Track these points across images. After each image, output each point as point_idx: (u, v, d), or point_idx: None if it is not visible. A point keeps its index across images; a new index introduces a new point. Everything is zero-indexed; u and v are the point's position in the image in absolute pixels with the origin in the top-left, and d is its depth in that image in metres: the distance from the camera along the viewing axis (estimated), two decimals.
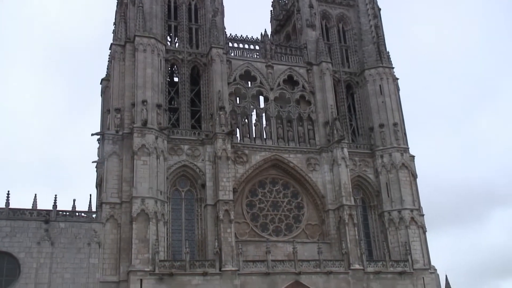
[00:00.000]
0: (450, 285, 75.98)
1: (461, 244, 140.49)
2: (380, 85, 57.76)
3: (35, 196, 45.11)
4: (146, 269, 42.76)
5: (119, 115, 48.75)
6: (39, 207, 44.38)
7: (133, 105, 48.44)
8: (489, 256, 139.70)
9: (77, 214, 44.78)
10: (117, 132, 48.13)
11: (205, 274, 44.11)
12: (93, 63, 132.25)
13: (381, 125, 55.96)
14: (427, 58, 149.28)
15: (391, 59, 59.56)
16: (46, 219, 43.15)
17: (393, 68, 59.15)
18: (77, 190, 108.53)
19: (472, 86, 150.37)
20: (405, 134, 56.97)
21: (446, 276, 77.35)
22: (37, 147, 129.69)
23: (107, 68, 58.14)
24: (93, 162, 52.21)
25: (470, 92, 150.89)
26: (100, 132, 50.67)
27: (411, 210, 52.70)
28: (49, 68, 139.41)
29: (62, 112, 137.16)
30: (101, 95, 57.47)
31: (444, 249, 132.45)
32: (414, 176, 55.18)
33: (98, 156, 51.58)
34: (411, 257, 50.67)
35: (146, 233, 43.82)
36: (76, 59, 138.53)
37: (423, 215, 54.79)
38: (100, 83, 58.64)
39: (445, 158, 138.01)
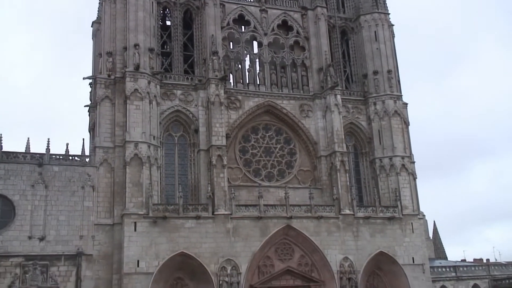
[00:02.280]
0: (437, 230, 77.91)
1: (448, 192, 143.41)
2: (375, 31, 57.09)
3: (28, 140, 45.26)
4: (140, 213, 43.39)
5: (111, 59, 48.19)
6: (32, 150, 44.50)
7: (125, 48, 47.85)
8: (472, 204, 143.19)
9: (70, 158, 44.91)
10: (109, 76, 47.72)
11: (198, 217, 44.84)
12: (84, 4, 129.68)
13: (375, 72, 55.70)
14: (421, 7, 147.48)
15: (387, 5, 58.64)
16: (40, 162, 43.33)
17: (389, 14, 58.32)
18: (69, 134, 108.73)
19: (454, 45, 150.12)
20: (398, 81, 56.81)
21: (434, 222, 79.49)
22: (28, 91, 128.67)
23: (98, 11, 56.93)
24: (85, 106, 51.92)
25: (452, 49, 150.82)
26: (92, 76, 50.14)
27: (402, 157, 53.25)
28: (39, 9, 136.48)
29: (54, 56, 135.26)
30: (93, 38, 56.49)
31: (433, 196, 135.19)
32: (406, 123, 55.42)
33: (91, 100, 51.24)
34: (400, 203, 51.59)
35: (139, 177, 44.19)
36: (66, 0, 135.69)
37: (413, 162, 55.43)
38: (91, 26, 57.48)
39: (431, 109, 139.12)
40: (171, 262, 43.44)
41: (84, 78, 49.74)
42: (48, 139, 44.29)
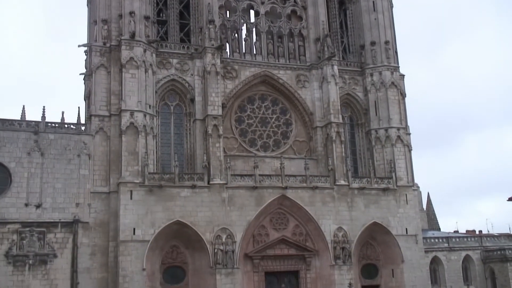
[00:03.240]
0: (431, 202, 78.60)
1: (441, 164, 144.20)
2: (373, 1, 56.49)
3: (23, 108, 45.09)
4: (136, 181, 43.58)
5: (106, 27, 47.73)
6: (27, 118, 44.39)
7: (120, 16, 47.34)
8: (465, 177, 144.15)
9: (66, 126, 44.87)
10: (105, 44, 47.35)
11: (193, 186, 45.08)
12: None
13: (373, 43, 55.36)
14: None
15: None
16: (35, 130, 43.28)
17: None
18: (65, 103, 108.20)
19: (447, 16, 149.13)
20: (396, 52, 56.48)
21: (428, 193, 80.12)
22: (23, 59, 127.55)
23: None
24: (80, 74, 51.60)
25: (445, 21, 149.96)
26: (87, 43, 49.65)
27: (398, 129, 53.37)
28: None
29: (48, 22, 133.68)
30: (88, 5, 55.66)
31: (427, 168, 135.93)
32: (402, 95, 55.37)
33: (86, 68, 50.87)
34: (395, 174, 51.93)
35: (135, 146, 44.25)
36: None
37: (409, 134, 55.60)
38: None
39: (422, 81, 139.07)
40: (167, 230, 43.85)
41: (79, 46, 49.30)
42: (44, 107, 44.27)
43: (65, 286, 41.62)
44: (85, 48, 50.10)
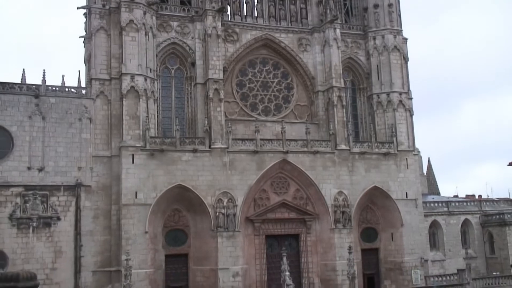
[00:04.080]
0: (432, 167, 78.90)
1: (441, 129, 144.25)
2: None
3: (23, 71, 44.73)
4: (137, 145, 43.67)
5: None
6: (28, 82, 44.17)
7: None
8: (465, 142, 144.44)
9: (66, 89, 44.74)
10: (104, 6, 46.80)
11: (195, 151, 45.20)
12: None
13: (376, 5, 54.54)
14: None
15: None
16: (36, 93, 43.14)
17: None
18: (65, 66, 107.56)
19: None
20: (399, 15, 55.70)
21: (428, 158, 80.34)
22: (21, 21, 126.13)
23: None
24: (80, 37, 50.99)
25: None
26: (87, 5, 48.91)
27: (400, 93, 53.11)
28: None
29: None
30: None
31: (428, 132, 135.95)
32: (405, 59, 54.87)
33: (86, 31, 50.28)
34: (396, 139, 51.93)
35: (136, 110, 44.17)
36: None
37: (411, 98, 55.37)
38: None
39: (422, 46, 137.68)
40: (168, 194, 44.19)
41: (78, 8, 48.65)
42: (44, 70, 44.06)
43: (69, 248, 42.25)
44: (85, 11, 49.43)
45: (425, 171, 75.67)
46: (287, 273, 36.40)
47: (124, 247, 41.59)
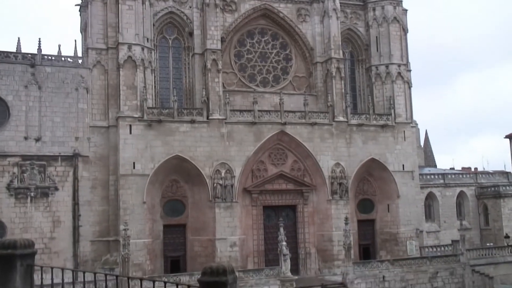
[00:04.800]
0: (429, 139, 79.12)
1: (438, 102, 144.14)
2: None
3: (19, 40, 44.25)
4: (134, 115, 43.47)
5: None
6: (23, 51, 43.66)
7: None
8: (463, 115, 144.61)
9: (63, 59, 44.26)
10: None
11: (192, 122, 45.05)
12: None
13: None
14: None
15: None
16: (32, 63, 42.69)
17: None
18: (61, 35, 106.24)
19: None
20: None
21: (426, 131, 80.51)
22: None
23: None
24: (76, 5, 50.28)
25: None
26: None
27: (399, 65, 52.79)
28: None
29: None
30: None
31: (425, 105, 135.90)
32: (404, 30, 54.42)
33: None
34: (394, 111, 51.82)
35: (133, 80, 43.83)
36: None
37: (410, 70, 55.11)
38: None
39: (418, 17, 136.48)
40: (166, 164, 44.21)
41: None
42: (39, 39, 43.49)
43: (67, 218, 42.40)
44: None
45: (422, 143, 75.89)
46: (284, 243, 36.76)
47: (122, 217, 41.77)
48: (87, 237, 42.85)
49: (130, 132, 43.23)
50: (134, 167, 42.93)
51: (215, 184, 44.90)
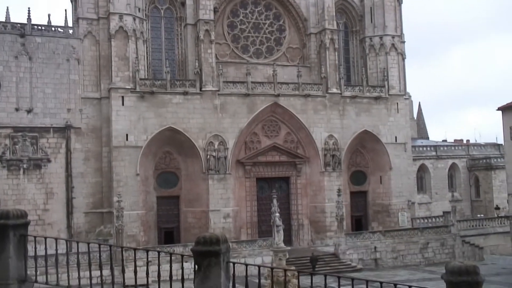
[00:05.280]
0: (422, 111, 79.21)
1: (433, 74, 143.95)
2: None
3: (7, 9, 43.52)
4: (127, 87, 43.12)
5: None
6: (12, 20, 42.95)
7: None
8: (456, 87, 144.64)
9: (53, 29, 43.63)
10: None
11: (185, 93, 44.77)
12: None
13: None
14: None
15: None
16: (22, 33, 42.04)
17: None
18: (51, 5, 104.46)
19: None
20: None
21: (419, 103, 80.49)
22: None
23: None
24: None
25: None
26: None
27: (393, 37, 52.43)
28: None
29: None
30: None
31: (419, 77, 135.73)
32: (399, 1, 53.81)
33: None
34: (387, 83, 51.68)
35: (125, 51, 43.33)
36: None
37: (404, 42, 54.76)
38: None
39: None
40: (159, 136, 44.08)
41: None
42: (29, 8, 42.73)
43: (60, 190, 42.39)
44: None
45: (415, 115, 75.97)
46: (277, 214, 36.86)
47: (115, 189, 41.81)
48: (81, 208, 42.94)
49: (123, 104, 42.94)
50: (127, 139, 42.78)
51: (208, 156, 44.90)
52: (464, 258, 45.27)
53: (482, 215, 58.14)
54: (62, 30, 43.88)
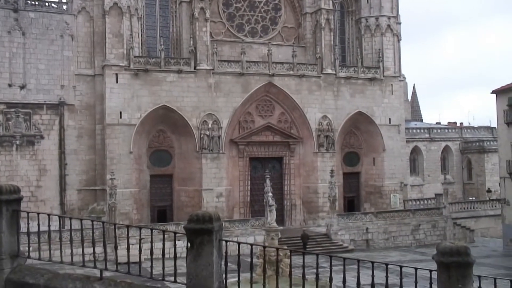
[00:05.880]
0: (416, 93, 79.23)
1: (428, 57, 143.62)
2: None
3: None
4: (121, 64, 42.80)
5: None
6: None
7: None
8: (450, 70, 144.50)
9: (46, 4, 43.09)
10: None
11: (180, 71, 44.51)
12: None
13: None
14: None
15: None
16: (15, 7, 41.52)
17: None
18: None
19: None
20: None
21: (414, 85, 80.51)
22: None
23: None
24: None
25: None
26: None
27: (389, 18, 52.15)
28: None
29: None
30: None
31: (414, 59, 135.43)
32: None
33: None
34: (382, 64, 51.53)
35: (120, 28, 42.92)
36: None
37: (399, 23, 54.48)
38: None
39: None
40: (153, 114, 43.92)
41: None
42: None
43: (53, 167, 42.32)
44: None
45: (409, 97, 75.98)
46: (270, 194, 36.86)
47: (108, 167, 41.78)
48: (74, 186, 42.92)
49: (117, 81, 42.67)
50: (120, 117, 42.62)
51: (202, 135, 44.84)
52: (455, 240, 45.71)
53: (474, 198, 58.63)
54: (56, 6, 43.37)
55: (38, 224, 8.95)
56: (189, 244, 7.02)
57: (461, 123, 76.69)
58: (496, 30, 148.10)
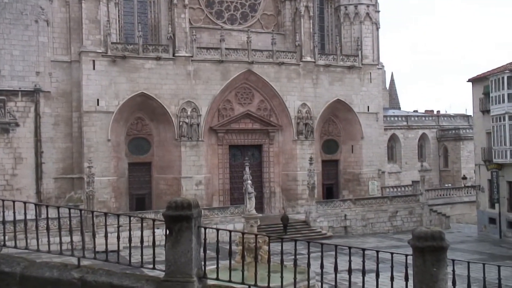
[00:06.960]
0: (394, 82, 79.90)
1: (405, 45, 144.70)
2: None
3: None
4: (98, 51, 42.20)
5: None
6: None
7: None
8: (426, 59, 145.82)
9: None
10: None
11: (158, 58, 44.09)
12: None
13: None
14: None
15: None
16: None
17: None
18: None
19: None
20: None
21: (392, 73, 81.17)
22: None
23: None
24: None
25: None
26: None
27: (368, 6, 52.31)
28: None
29: None
30: None
31: (394, 48, 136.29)
32: None
33: None
34: (361, 52, 51.74)
35: (96, 14, 42.25)
36: None
37: (378, 11, 54.65)
38: None
39: None
40: (131, 102, 43.50)
41: None
42: None
43: (29, 155, 41.69)
44: None
45: (387, 85, 76.53)
46: (249, 182, 36.83)
47: (86, 155, 41.34)
48: (50, 174, 42.39)
49: (94, 68, 42.09)
50: (98, 104, 42.12)
51: (181, 123, 44.59)
52: (431, 226, 46.43)
53: (449, 185, 59.55)
54: None
55: (14, 213, 8.80)
56: (167, 231, 6.98)
57: (438, 111, 77.59)
58: (473, 18, 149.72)
